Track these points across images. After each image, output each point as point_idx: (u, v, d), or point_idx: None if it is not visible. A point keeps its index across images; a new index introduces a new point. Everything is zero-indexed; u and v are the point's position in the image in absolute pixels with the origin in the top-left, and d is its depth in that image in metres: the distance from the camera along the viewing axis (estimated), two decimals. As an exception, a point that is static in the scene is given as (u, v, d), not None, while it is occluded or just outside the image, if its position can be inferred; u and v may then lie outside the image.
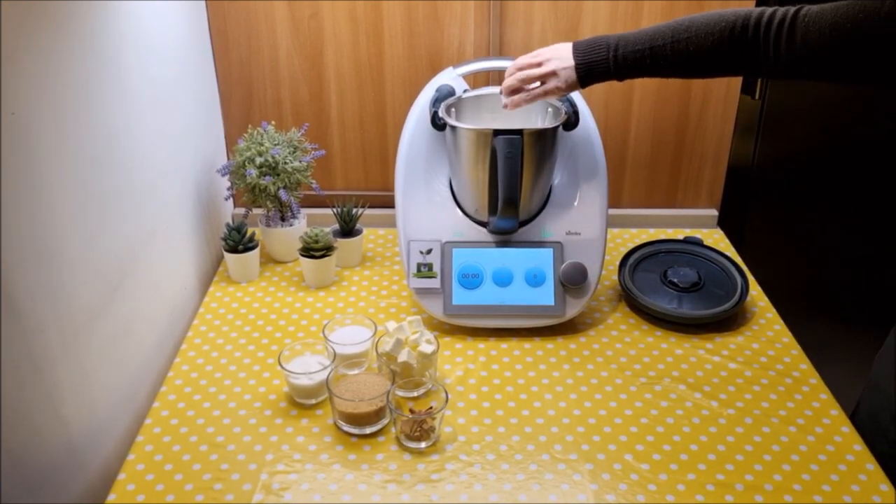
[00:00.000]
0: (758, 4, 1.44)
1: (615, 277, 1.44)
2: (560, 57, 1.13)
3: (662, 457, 1.03)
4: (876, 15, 0.90)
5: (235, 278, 1.42)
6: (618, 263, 1.41)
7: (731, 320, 1.32)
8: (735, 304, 1.30)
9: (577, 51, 1.12)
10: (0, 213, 0.80)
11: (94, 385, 1.01)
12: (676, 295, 1.34)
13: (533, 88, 1.16)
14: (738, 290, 1.34)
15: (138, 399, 1.14)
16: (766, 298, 1.39)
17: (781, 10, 1.00)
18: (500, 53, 1.49)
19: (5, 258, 0.81)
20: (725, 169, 1.62)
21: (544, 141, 1.23)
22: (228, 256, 1.40)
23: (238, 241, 1.39)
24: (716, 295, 1.33)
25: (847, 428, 1.08)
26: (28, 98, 0.84)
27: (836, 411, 1.11)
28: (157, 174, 1.22)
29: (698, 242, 1.45)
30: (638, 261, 1.42)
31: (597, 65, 1.11)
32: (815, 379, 1.18)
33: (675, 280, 1.35)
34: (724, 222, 1.65)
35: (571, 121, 1.25)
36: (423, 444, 1.04)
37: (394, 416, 1.05)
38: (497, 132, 1.17)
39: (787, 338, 1.28)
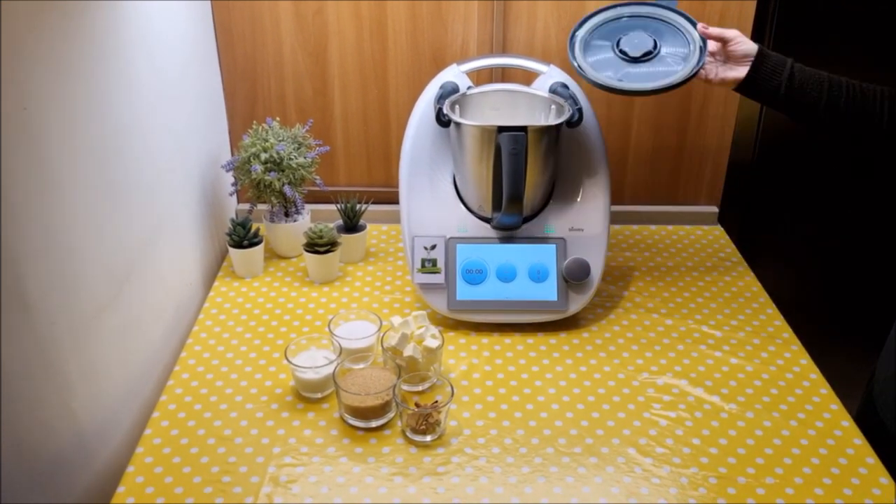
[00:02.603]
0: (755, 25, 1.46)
1: (616, 273, 1.45)
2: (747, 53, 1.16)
3: (665, 451, 1.04)
4: None
5: (240, 273, 1.43)
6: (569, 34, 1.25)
7: (731, 316, 1.33)
8: (683, 79, 1.18)
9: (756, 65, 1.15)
10: (10, 207, 0.81)
11: (102, 378, 1.02)
12: (624, 66, 1.22)
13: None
14: (695, 58, 1.19)
15: (146, 392, 1.15)
16: (766, 295, 1.40)
17: None
18: (504, 51, 1.50)
19: (15, 252, 0.82)
20: (726, 166, 1.63)
21: (548, 137, 1.24)
22: (233, 252, 1.41)
23: (242, 236, 1.40)
24: (667, 66, 1.21)
25: (847, 422, 1.09)
26: (39, 93, 0.85)
27: (836, 406, 1.12)
28: (163, 169, 1.23)
29: (670, 8, 1.25)
30: (594, 28, 1.25)
31: (766, 89, 1.15)
32: (815, 374, 1.19)
33: (627, 49, 1.22)
34: (724, 219, 1.66)
35: (575, 118, 1.26)
36: (428, 438, 1.05)
37: (399, 410, 1.06)
38: (501, 129, 1.18)
39: (788, 333, 1.29)
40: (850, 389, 1.25)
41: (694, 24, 1.20)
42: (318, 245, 1.39)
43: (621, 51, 1.21)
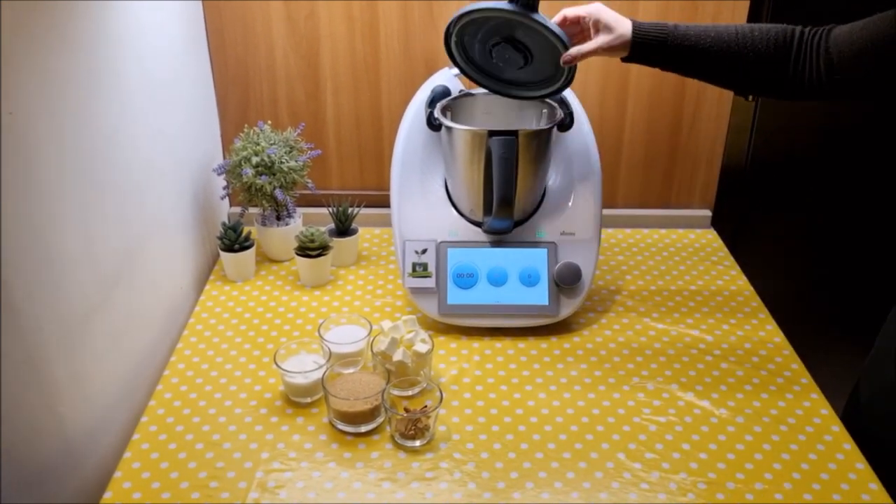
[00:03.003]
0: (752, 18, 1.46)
1: (608, 277, 1.45)
2: (618, 20, 1.10)
3: (655, 455, 1.04)
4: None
5: (231, 277, 1.43)
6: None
7: (723, 321, 1.33)
8: (548, 91, 1.18)
9: (638, 24, 1.10)
10: (-2, 212, 0.80)
11: (90, 383, 1.02)
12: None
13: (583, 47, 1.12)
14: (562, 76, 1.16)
15: (135, 397, 1.14)
16: (758, 299, 1.40)
17: (811, 32, 1.03)
18: (496, 54, 1.50)
19: (3, 257, 0.82)
20: (719, 170, 1.63)
21: (539, 142, 1.24)
22: (224, 255, 1.41)
23: (234, 240, 1.39)
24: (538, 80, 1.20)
25: (837, 427, 1.09)
26: (25, 97, 0.85)
27: (826, 411, 1.12)
28: (154, 173, 1.23)
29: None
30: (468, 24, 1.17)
31: (654, 34, 1.08)
32: (805, 379, 1.19)
33: (500, 64, 1.19)
34: (717, 223, 1.66)
35: (566, 122, 1.26)
36: (417, 443, 1.05)
37: (388, 415, 1.06)
38: (492, 133, 1.18)
39: (779, 337, 1.29)
40: (841, 394, 1.24)
41: (566, 46, 1.13)
42: (310, 249, 1.38)
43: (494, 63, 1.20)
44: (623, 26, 1.09)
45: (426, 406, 1.08)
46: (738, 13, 1.47)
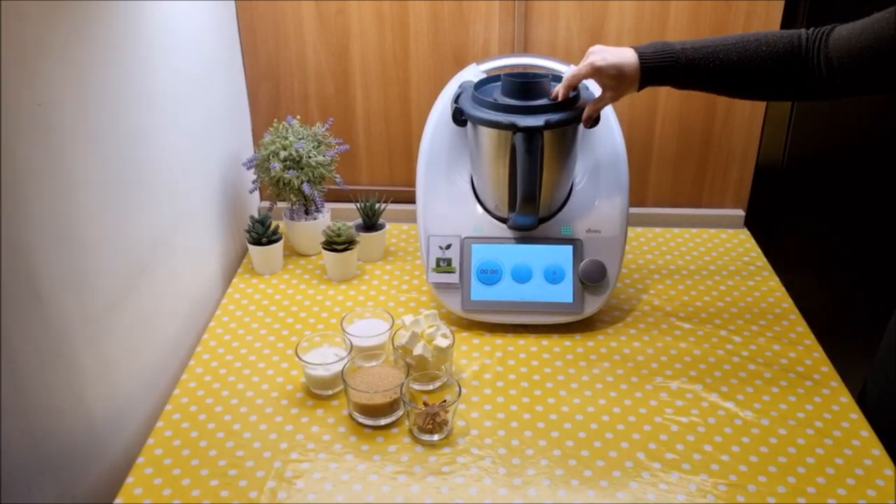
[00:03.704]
0: (783, 25, 1.44)
1: (636, 276, 1.44)
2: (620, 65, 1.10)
3: (675, 456, 1.02)
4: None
5: (259, 270, 1.45)
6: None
7: (752, 321, 1.30)
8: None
9: (640, 48, 1.10)
10: (24, 202, 0.82)
11: (116, 371, 1.04)
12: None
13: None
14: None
15: (159, 386, 1.17)
16: (790, 301, 1.37)
17: (814, 34, 1.02)
18: (525, 50, 1.49)
19: (29, 246, 0.84)
20: (753, 168, 1.60)
21: (565, 138, 1.23)
22: (252, 249, 1.43)
23: (262, 233, 1.41)
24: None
25: (867, 432, 1.06)
26: (54, 89, 0.87)
27: (855, 415, 1.09)
28: (184, 166, 1.25)
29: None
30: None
31: (662, 56, 1.07)
32: (835, 382, 1.16)
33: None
34: (751, 223, 1.63)
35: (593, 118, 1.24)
36: (435, 437, 1.05)
37: (407, 409, 1.06)
38: (517, 128, 1.17)
39: (810, 340, 1.26)
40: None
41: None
42: (336, 243, 1.39)
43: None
44: (629, 67, 1.08)
45: (445, 401, 1.08)
46: (771, 13, 1.44)
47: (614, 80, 1.10)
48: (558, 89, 1.18)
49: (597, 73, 1.11)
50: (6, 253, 0.80)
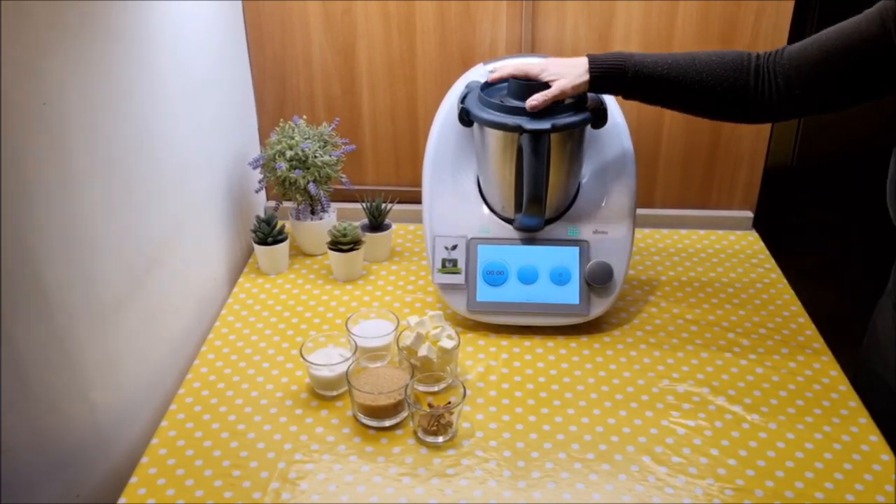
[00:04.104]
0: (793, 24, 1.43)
1: (643, 278, 1.43)
2: (570, 64, 1.14)
3: (681, 460, 1.02)
4: (857, 34, 0.96)
5: (265, 270, 1.45)
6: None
7: (760, 324, 1.29)
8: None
9: (594, 59, 1.12)
10: (29, 200, 0.82)
11: (121, 370, 1.04)
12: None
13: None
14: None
15: (164, 386, 1.16)
16: (798, 303, 1.36)
17: (766, 54, 1.05)
18: (532, 51, 1.49)
19: (35, 245, 0.84)
20: (762, 169, 1.59)
21: (572, 139, 1.22)
22: (258, 248, 1.43)
23: (268, 233, 1.41)
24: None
25: (875, 437, 1.05)
26: (60, 88, 0.87)
27: (864, 419, 1.08)
28: (190, 165, 1.25)
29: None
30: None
31: (611, 63, 1.10)
32: (844, 386, 1.15)
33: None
34: (759, 224, 1.62)
35: (599, 118, 1.24)
36: (440, 439, 1.05)
37: (412, 410, 1.06)
38: (524, 129, 1.16)
39: (819, 343, 1.25)
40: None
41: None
42: (342, 243, 1.39)
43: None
44: (576, 67, 1.12)
45: (450, 402, 1.07)
46: (782, 11, 1.43)
47: (558, 76, 1.13)
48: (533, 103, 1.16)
49: (562, 94, 1.14)
50: (12, 252, 0.80)
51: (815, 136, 1.65)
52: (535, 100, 1.14)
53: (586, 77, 1.11)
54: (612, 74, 1.10)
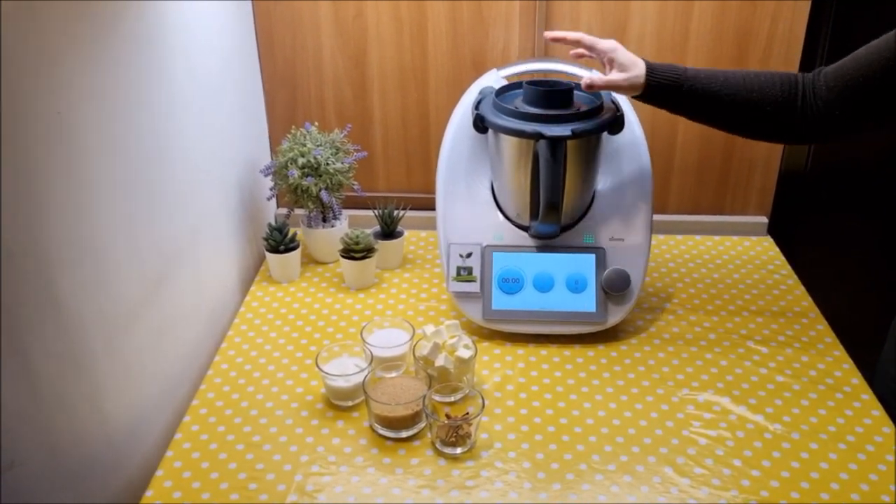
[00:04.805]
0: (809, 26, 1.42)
1: (658, 285, 1.41)
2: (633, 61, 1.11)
3: (704, 471, 1.00)
4: (889, 52, 0.95)
5: (277, 278, 1.43)
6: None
7: (779, 332, 1.28)
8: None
9: (651, 66, 1.11)
10: (43, 209, 0.81)
11: (134, 381, 1.03)
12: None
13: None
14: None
15: (178, 396, 1.15)
16: (816, 310, 1.34)
17: (808, 74, 1.06)
18: (545, 55, 1.48)
19: (50, 254, 0.82)
20: (777, 175, 1.58)
21: (588, 145, 1.21)
22: (270, 256, 1.41)
23: (280, 241, 1.40)
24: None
25: (900, 447, 1.04)
26: (74, 97, 0.86)
27: (888, 429, 1.07)
28: (201, 173, 1.23)
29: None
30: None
31: (667, 75, 1.09)
32: (867, 394, 1.14)
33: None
34: (774, 230, 1.61)
35: (616, 124, 1.22)
36: (458, 450, 1.03)
37: (430, 421, 1.04)
38: (540, 136, 1.15)
39: (839, 351, 1.23)
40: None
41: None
42: (355, 251, 1.38)
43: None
44: (637, 67, 1.10)
45: (468, 413, 1.06)
46: (797, 13, 1.42)
47: (621, 68, 1.10)
48: (592, 79, 1.14)
49: (614, 48, 1.11)
50: (25, 262, 0.79)
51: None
52: (593, 81, 1.11)
53: (641, 81, 1.09)
54: (665, 87, 1.09)
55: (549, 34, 1.14)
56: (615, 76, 1.10)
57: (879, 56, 0.97)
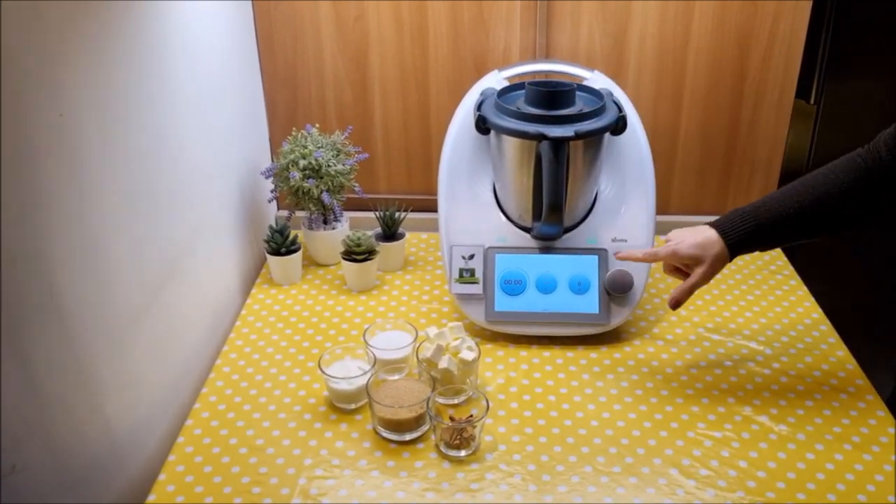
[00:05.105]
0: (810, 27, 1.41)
1: (661, 286, 1.41)
2: (701, 244, 1.08)
3: (710, 472, 1.00)
4: None
5: (278, 281, 1.43)
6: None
7: (782, 332, 1.28)
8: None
9: (720, 226, 1.08)
10: (45, 213, 0.81)
11: (136, 385, 1.02)
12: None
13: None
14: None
15: (180, 400, 1.14)
16: (819, 310, 1.34)
17: (868, 146, 1.02)
18: (547, 56, 1.47)
19: (51, 258, 0.82)
20: (779, 176, 1.58)
21: (591, 146, 1.20)
22: (271, 259, 1.41)
23: (281, 243, 1.39)
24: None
25: (906, 447, 1.03)
26: (76, 100, 0.85)
27: (893, 429, 1.06)
28: (202, 176, 1.23)
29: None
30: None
31: (741, 222, 1.07)
32: (871, 395, 1.13)
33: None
34: (775, 230, 1.60)
35: (619, 125, 1.22)
36: (462, 453, 1.03)
37: (433, 424, 1.04)
38: (542, 137, 1.15)
39: (843, 351, 1.23)
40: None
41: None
42: (356, 253, 1.37)
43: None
44: (711, 246, 1.07)
45: (472, 415, 1.05)
46: (799, 13, 1.42)
47: (693, 261, 1.08)
48: (634, 255, 1.15)
49: (674, 256, 1.10)
50: (27, 265, 0.78)
51: (831, 142, 1.63)
52: (675, 298, 1.10)
53: (723, 253, 1.06)
54: (746, 238, 1.06)
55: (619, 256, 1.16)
56: (694, 278, 1.08)
57: None
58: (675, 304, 1.10)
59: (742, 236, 1.06)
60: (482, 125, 1.22)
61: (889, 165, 0.98)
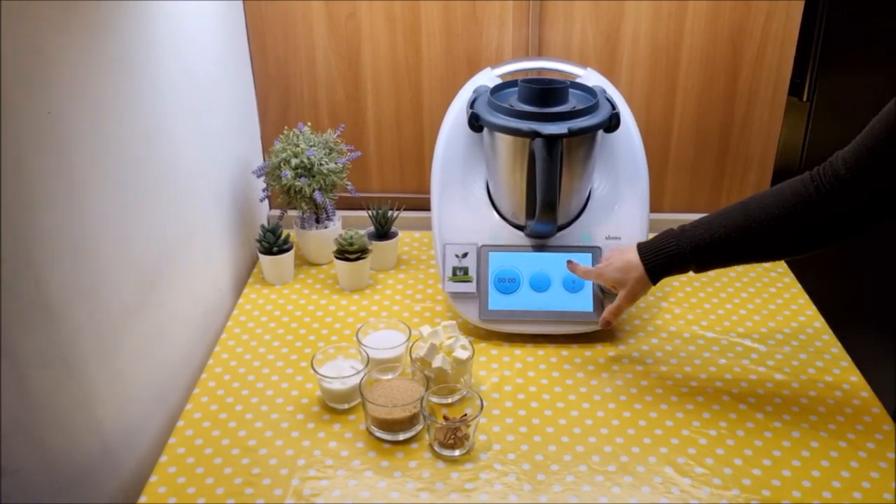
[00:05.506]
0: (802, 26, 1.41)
1: (656, 283, 1.41)
2: (622, 268, 1.12)
3: (705, 470, 0.99)
4: None
5: (270, 280, 1.42)
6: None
7: (776, 329, 1.27)
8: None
9: (643, 249, 1.10)
10: (33, 211, 0.80)
11: (127, 386, 1.01)
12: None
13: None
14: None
15: (171, 401, 1.13)
16: (813, 307, 1.34)
17: (818, 168, 0.99)
18: (539, 54, 1.47)
19: (40, 258, 0.81)
20: (772, 173, 1.58)
21: (584, 143, 1.20)
22: (263, 258, 1.40)
23: (273, 242, 1.38)
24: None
25: (901, 444, 1.03)
26: (65, 97, 0.84)
27: (888, 426, 1.06)
28: (193, 175, 1.22)
29: None
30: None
31: (663, 245, 1.07)
32: (866, 392, 1.13)
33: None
34: (769, 228, 1.60)
35: (612, 122, 1.22)
36: (456, 452, 1.02)
37: (427, 423, 1.03)
38: (536, 134, 1.14)
39: (837, 348, 1.23)
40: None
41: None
42: (349, 252, 1.36)
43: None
44: (631, 270, 1.10)
45: (466, 414, 1.05)
46: (792, 12, 1.41)
47: (617, 284, 1.13)
48: (577, 269, 1.19)
49: (599, 278, 1.16)
50: (15, 264, 0.77)
51: (824, 139, 1.63)
52: (605, 318, 1.15)
53: (640, 273, 1.09)
54: (669, 263, 1.07)
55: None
56: (618, 300, 1.12)
57: (888, 122, 0.91)
58: (605, 324, 1.16)
59: (663, 260, 1.07)
60: (475, 123, 1.21)
61: (845, 182, 0.95)
